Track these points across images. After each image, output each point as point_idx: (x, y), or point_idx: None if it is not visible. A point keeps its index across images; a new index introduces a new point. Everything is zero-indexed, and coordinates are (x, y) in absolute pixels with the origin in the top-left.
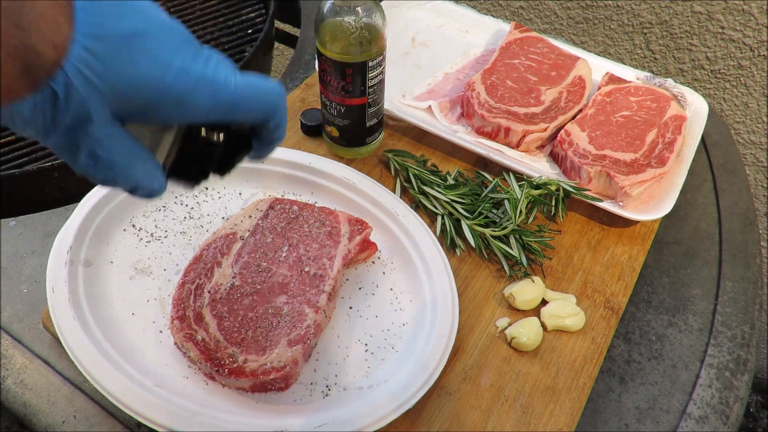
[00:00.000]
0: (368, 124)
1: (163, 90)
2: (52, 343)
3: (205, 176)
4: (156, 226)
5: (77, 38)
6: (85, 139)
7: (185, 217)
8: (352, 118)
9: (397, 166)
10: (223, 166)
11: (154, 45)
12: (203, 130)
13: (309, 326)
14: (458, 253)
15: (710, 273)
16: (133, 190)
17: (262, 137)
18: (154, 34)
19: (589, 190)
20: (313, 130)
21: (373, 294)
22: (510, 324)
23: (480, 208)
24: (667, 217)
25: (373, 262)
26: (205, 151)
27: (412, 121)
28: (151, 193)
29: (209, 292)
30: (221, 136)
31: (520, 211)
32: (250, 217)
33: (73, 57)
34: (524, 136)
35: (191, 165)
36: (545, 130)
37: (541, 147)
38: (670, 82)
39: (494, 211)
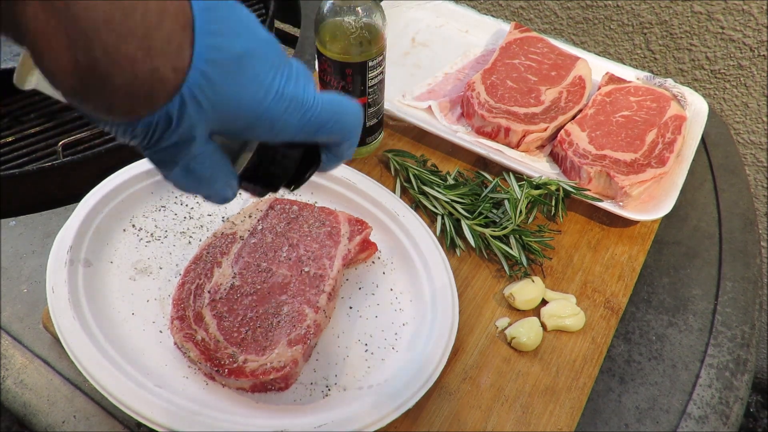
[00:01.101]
0: (368, 124)
1: (261, 113)
2: (52, 343)
3: (275, 188)
4: (156, 226)
5: (196, 63)
6: (185, 155)
7: (185, 217)
8: None
9: (397, 166)
10: (294, 180)
11: (258, 66)
12: (280, 147)
13: (309, 326)
14: (458, 253)
15: (710, 273)
16: (208, 197)
17: (333, 154)
18: (259, 54)
19: (589, 190)
20: None
21: (373, 294)
22: (510, 324)
23: (480, 208)
24: (667, 217)
25: (373, 262)
26: (280, 166)
27: (412, 121)
28: (224, 200)
29: (209, 292)
30: (298, 152)
31: (520, 211)
32: (250, 216)
33: (190, 81)
34: (524, 136)
35: (264, 177)
36: (545, 130)
37: (541, 147)
38: (670, 82)
39: (494, 211)
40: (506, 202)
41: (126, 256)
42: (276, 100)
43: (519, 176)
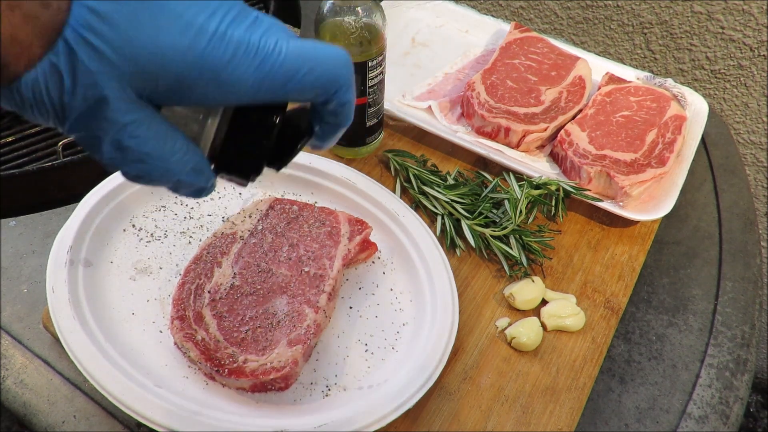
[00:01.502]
0: (368, 124)
1: (195, 60)
2: (52, 343)
3: (257, 170)
4: (156, 226)
5: None
6: (105, 125)
7: (185, 217)
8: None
9: (397, 166)
10: (279, 156)
11: (183, 4)
12: (253, 113)
13: (309, 326)
14: (458, 253)
15: (710, 273)
16: (176, 188)
17: (324, 120)
18: None
19: (589, 190)
20: None
21: (373, 294)
22: (510, 324)
23: (480, 208)
24: (667, 217)
25: (373, 262)
26: (257, 138)
27: (412, 121)
28: (198, 191)
29: (209, 292)
30: (276, 119)
31: (520, 211)
32: (250, 217)
33: (74, 20)
34: (524, 136)
35: (241, 156)
36: (545, 130)
37: (541, 147)
38: (670, 82)
39: (494, 211)
40: (506, 202)
41: (126, 256)
42: (214, 44)
43: (519, 176)
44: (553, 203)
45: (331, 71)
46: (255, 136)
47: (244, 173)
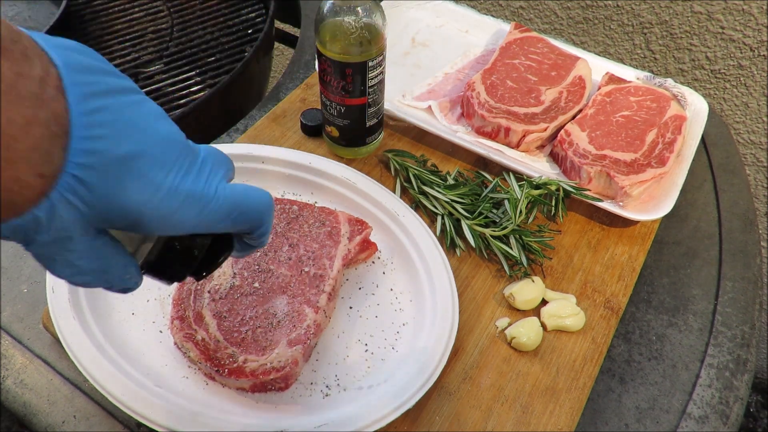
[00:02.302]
0: (368, 124)
1: (150, 210)
2: (52, 343)
3: (181, 279)
4: None
5: (68, 168)
6: (64, 253)
7: None
8: (352, 118)
9: (397, 166)
10: (203, 267)
11: (147, 166)
12: (185, 239)
13: (309, 326)
14: (458, 253)
15: (710, 273)
16: (107, 288)
17: (244, 242)
18: (150, 153)
19: (589, 190)
20: (313, 130)
21: (373, 294)
22: (510, 324)
23: (480, 208)
24: (667, 217)
25: (373, 262)
26: (187, 255)
27: (412, 121)
28: (125, 291)
29: (209, 292)
30: (204, 243)
31: (520, 211)
32: None
33: (60, 186)
34: (524, 136)
35: (170, 266)
36: (545, 130)
37: (541, 147)
38: (670, 82)
39: (494, 211)
40: (506, 202)
41: None
42: (167, 197)
43: (519, 176)
44: (553, 203)
45: (257, 213)
46: (186, 254)
47: (169, 281)
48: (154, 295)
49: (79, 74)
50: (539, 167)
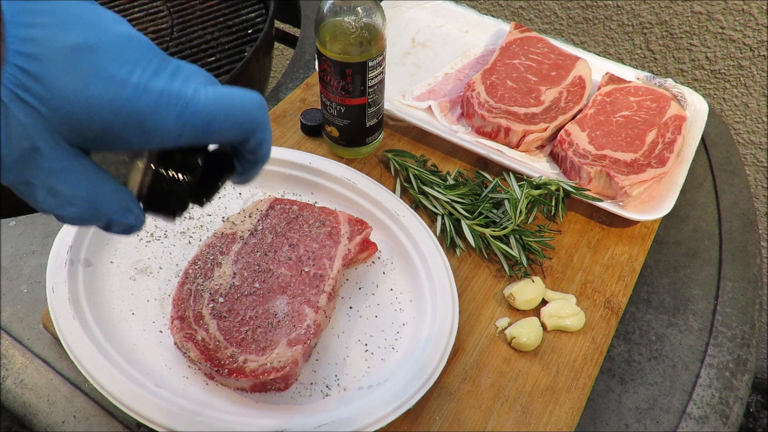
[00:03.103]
0: (368, 124)
1: (119, 111)
2: (52, 343)
3: (183, 207)
4: (156, 226)
5: (9, 57)
6: (38, 173)
7: (185, 217)
8: (352, 118)
9: (397, 166)
10: (203, 193)
11: (105, 59)
12: (177, 154)
13: (309, 326)
14: (458, 253)
15: (710, 273)
16: (107, 227)
17: (244, 158)
18: (106, 47)
19: (589, 190)
20: (313, 130)
21: (373, 294)
22: (510, 324)
23: (480, 208)
24: (667, 217)
25: (373, 262)
26: (182, 179)
27: (412, 121)
28: (128, 229)
29: (209, 292)
30: (198, 160)
31: (520, 211)
32: (250, 216)
33: (5, 79)
34: (524, 136)
35: (168, 195)
36: (545, 130)
37: (541, 147)
38: (670, 82)
39: (494, 211)
40: (506, 202)
41: (126, 256)
42: (137, 93)
43: (519, 176)
44: (553, 203)
45: (247, 114)
46: (179, 176)
47: (170, 211)
48: (154, 295)
49: None
50: (539, 167)
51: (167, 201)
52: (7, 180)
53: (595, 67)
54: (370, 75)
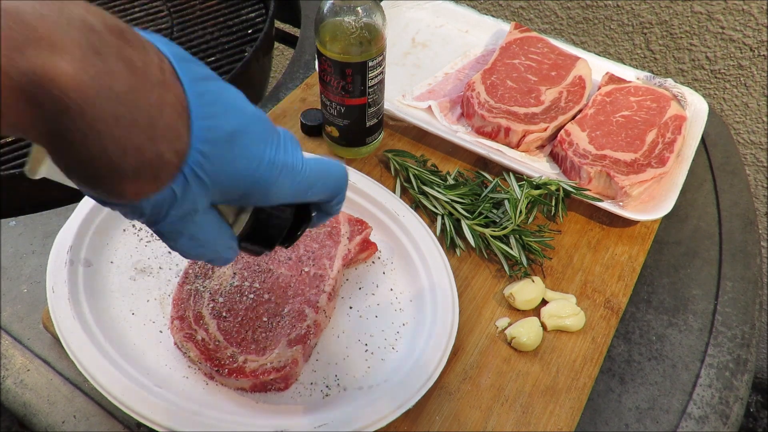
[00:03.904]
0: (368, 124)
1: (255, 182)
2: (52, 343)
3: (271, 247)
4: None
5: (194, 143)
6: (189, 226)
7: None
8: (352, 118)
9: (397, 166)
10: (287, 238)
11: (249, 141)
12: (275, 209)
13: (309, 326)
14: (458, 253)
15: (710, 273)
16: (211, 261)
17: (323, 211)
18: (249, 130)
19: (589, 190)
20: (313, 130)
21: (373, 294)
22: (510, 324)
23: (480, 208)
24: (667, 217)
25: (373, 262)
26: (275, 226)
27: (412, 121)
28: (226, 261)
29: (209, 292)
30: (291, 213)
31: (520, 211)
32: None
33: (190, 160)
34: (524, 136)
35: (261, 237)
36: (545, 130)
37: (541, 147)
38: (670, 82)
39: (494, 211)
40: (506, 202)
41: (126, 256)
42: (268, 168)
43: (519, 176)
44: (553, 203)
45: (338, 183)
46: (274, 225)
47: (259, 251)
48: (154, 295)
49: (182, 62)
50: (539, 167)
51: (261, 241)
52: (163, 230)
53: (595, 67)
54: (370, 75)
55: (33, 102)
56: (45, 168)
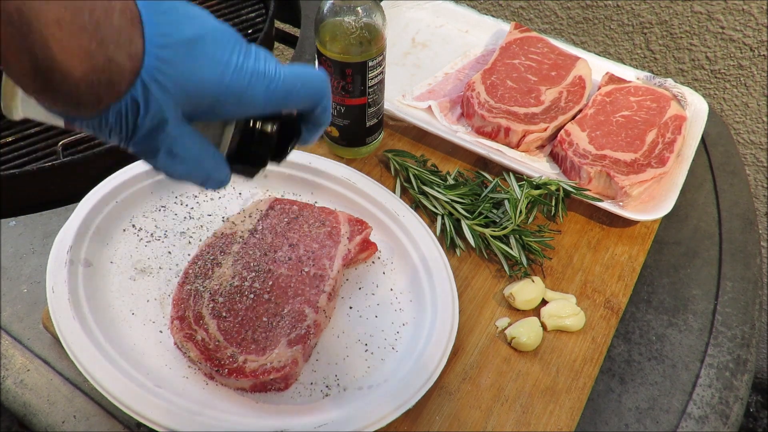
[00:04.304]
0: (368, 124)
1: (224, 88)
2: (52, 343)
3: (263, 164)
4: (156, 226)
5: (149, 48)
6: (163, 139)
7: (185, 217)
8: (352, 118)
9: (397, 166)
10: (278, 153)
11: (212, 47)
12: (258, 122)
13: (309, 326)
14: (458, 253)
15: (710, 273)
16: (203, 183)
17: (310, 122)
18: (211, 38)
19: (589, 190)
20: None
21: (373, 294)
22: (510, 324)
23: (480, 208)
24: (667, 217)
25: (373, 262)
26: (262, 141)
27: (412, 121)
28: (219, 184)
29: (209, 292)
30: (275, 125)
31: (520, 211)
32: (250, 216)
33: (147, 65)
34: (524, 136)
35: (250, 155)
36: (545, 130)
37: (541, 147)
38: (670, 82)
39: (494, 211)
40: (506, 202)
41: (126, 256)
42: (236, 74)
43: (519, 176)
44: (553, 203)
45: (317, 86)
46: (260, 139)
47: (251, 171)
48: (154, 295)
49: None
50: (539, 167)
51: (249, 160)
52: (139, 146)
53: (595, 67)
54: (370, 75)
55: None
56: (19, 103)
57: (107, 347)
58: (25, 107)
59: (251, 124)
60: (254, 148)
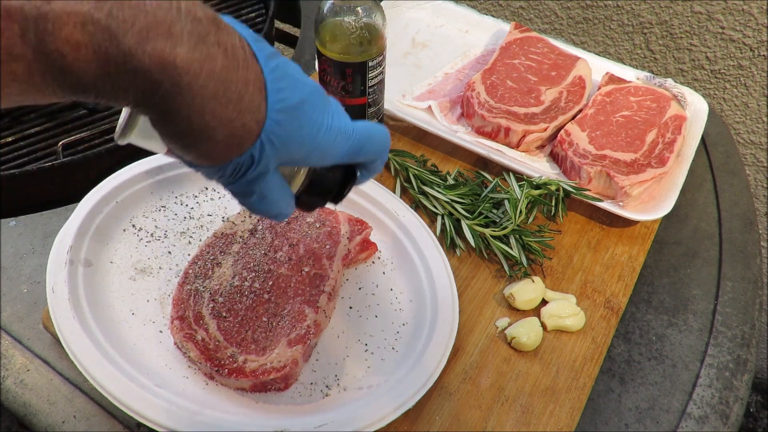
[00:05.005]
0: None
1: (316, 145)
2: (52, 343)
3: (323, 204)
4: (156, 226)
5: (270, 114)
6: (260, 185)
7: (185, 217)
8: (351, 118)
9: (397, 166)
10: (337, 194)
11: (311, 110)
12: (326, 170)
13: (309, 326)
14: (458, 253)
15: (710, 273)
16: (274, 217)
17: (367, 169)
18: (310, 101)
19: (589, 190)
20: None
21: (373, 294)
22: (510, 324)
23: (480, 208)
24: (667, 217)
25: (373, 262)
26: (327, 184)
27: (412, 121)
28: (285, 217)
29: (209, 292)
30: (340, 173)
31: (520, 211)
32: (250, 216)
33: (266, 128)
34: (524, 136)
35: (315, 195)
36: (545, 130)
37: (541, 147)
38: (670, 82)
39: (494, 211)
40: (506, 202)
41: (126, 256)
42: (327, 133)
43: (519, 176)
44: (553, 203)
45: (383, 143)
46: (326, 183)
47: (314, 207)
48: (154, 295)
49: (256, 42)
50: (539, 167)
51: (314, 199)
52: (238, 188)
53: (595, 67)
54: (370, 75)
55: (152, 80)
56: (134, 135)
57: (107, 347)
58: (136, 138)
59: (320, 170)
60: (319, 189)
